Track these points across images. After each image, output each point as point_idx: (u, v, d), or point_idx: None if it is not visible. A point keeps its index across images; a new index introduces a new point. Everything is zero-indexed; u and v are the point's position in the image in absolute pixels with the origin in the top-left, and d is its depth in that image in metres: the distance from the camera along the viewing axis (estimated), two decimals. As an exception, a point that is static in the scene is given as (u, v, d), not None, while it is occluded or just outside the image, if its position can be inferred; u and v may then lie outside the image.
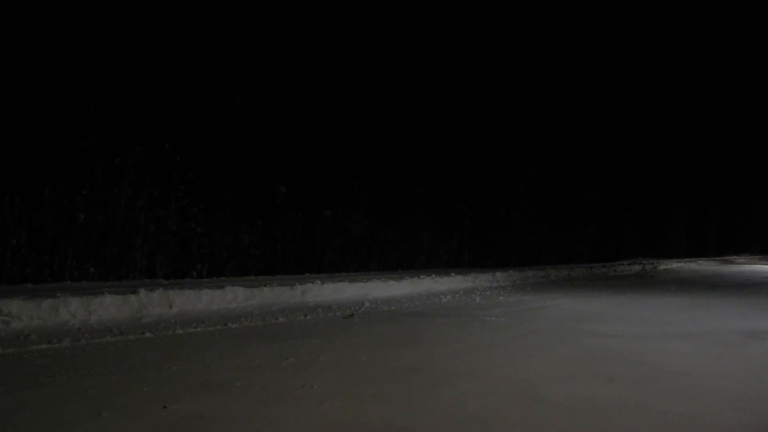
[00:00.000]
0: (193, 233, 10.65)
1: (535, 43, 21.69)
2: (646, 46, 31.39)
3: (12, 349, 4.73)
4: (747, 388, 3.93)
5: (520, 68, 20.63)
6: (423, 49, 17.05)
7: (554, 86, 22.14)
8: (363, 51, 15.36)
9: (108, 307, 6.30)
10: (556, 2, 23.94)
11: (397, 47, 16.17)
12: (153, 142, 9.96)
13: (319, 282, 9.07)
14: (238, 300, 7.60)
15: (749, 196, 42.27)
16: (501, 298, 9.96)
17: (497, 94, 19.35)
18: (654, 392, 3.78)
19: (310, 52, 14.17)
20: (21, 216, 8.42)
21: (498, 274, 13.41)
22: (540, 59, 21.76)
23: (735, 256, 37.27)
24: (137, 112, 9.75)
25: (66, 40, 9.13)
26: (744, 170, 41.27)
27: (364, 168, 14.75)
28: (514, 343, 5.50)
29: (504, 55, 19.87)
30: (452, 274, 12.49)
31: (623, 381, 4.06)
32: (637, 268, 21.28)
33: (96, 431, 2.91)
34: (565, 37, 23.44)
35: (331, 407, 3.32)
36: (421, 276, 11.45)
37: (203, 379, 3.92)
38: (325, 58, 14.49)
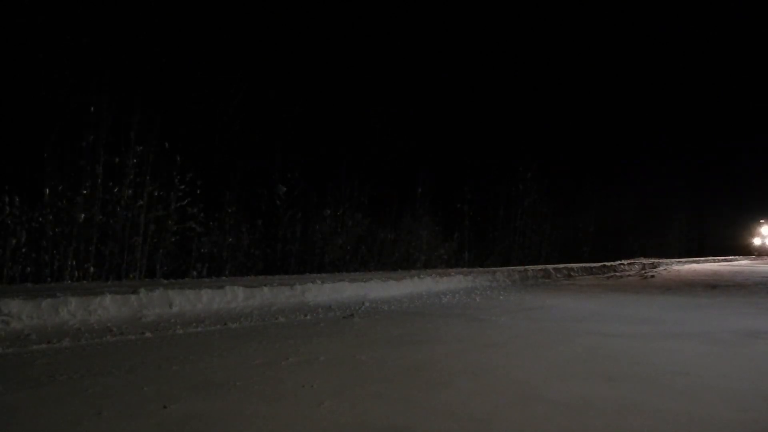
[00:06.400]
0: (193, 233, 10.66)
1: (536, 44, 21.75)
2: (646, 48, 31.42)
3: (12, 349, 4.72)
4: (747, 388, 3.92)
5: (521, 69, 20.70)
6: (424, 49, 17.07)
7: (554, 87, 22.23)
8: (364, 51, 15.37)
9: (108, 307, 6.30)
10: (560, 3, 23.99)
11: (398, 48, 16.20)
12: (153, 142, 9.96)
13: (319, 282, 9.06)
14: (238, 300, 7.60)
15: (749, 195, 42.29)
16: (501, 297, 9.96)
17: (498, 94, 19.38)
18: (654, 392, 3.77)
19: (311, 52, 14.17)
20: (21, 216, 8.42)
21: (498, 273, 13.40)
22: (540, 60, 21.81)
23: (735, 256, 37.30)
24: (137, 112, 9.75)
25: (66, 39, 9.14)
26: (743, 170, 41.29)
27: (365, 168, 14.76)
28: (515, 343, 5.50)
29: (505, 56, 19.92)
30: (452, 273, 12.48)
31: (623, 381, 4.05)
32: (637, 267, 21.29)
33: (96, 431, 2.91)
34: (565, 39, 23.50)
35: (331, 407, 3.32)
36: (421, 276, 11.44)
37: (203, 379, 3.92)
38: (326, 58, 14.49)
